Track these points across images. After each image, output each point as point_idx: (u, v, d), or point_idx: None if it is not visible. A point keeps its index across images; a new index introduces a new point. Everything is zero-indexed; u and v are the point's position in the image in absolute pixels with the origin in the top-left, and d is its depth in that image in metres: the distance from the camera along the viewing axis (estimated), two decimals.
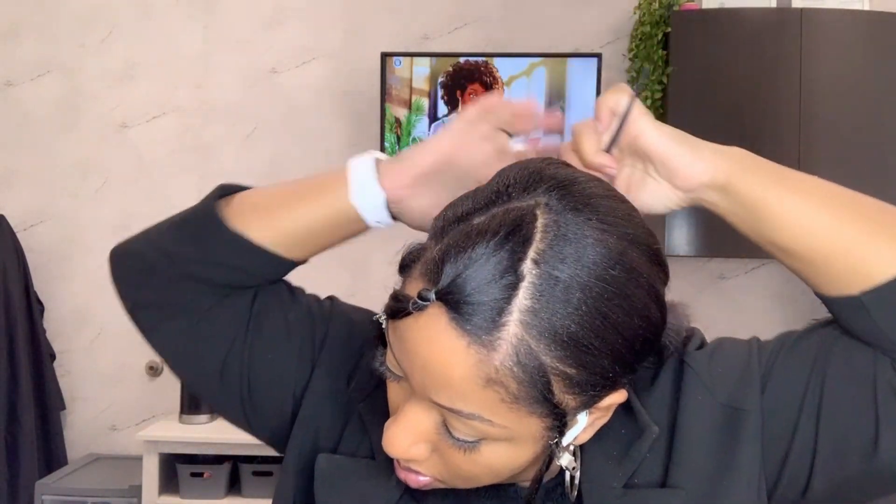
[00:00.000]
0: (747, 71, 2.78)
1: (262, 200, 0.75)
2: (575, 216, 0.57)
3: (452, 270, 0.55)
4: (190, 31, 3.26)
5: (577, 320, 0.55)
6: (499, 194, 0.59)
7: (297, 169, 3.24)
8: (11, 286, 3.01)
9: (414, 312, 0.56)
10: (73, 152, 3.28)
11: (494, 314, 0.54)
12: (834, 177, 2.50)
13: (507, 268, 0.54)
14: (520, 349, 0.54)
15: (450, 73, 3.01)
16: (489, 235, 0.55)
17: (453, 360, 0.55)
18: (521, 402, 0.56)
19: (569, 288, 0.55)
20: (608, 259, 0.56)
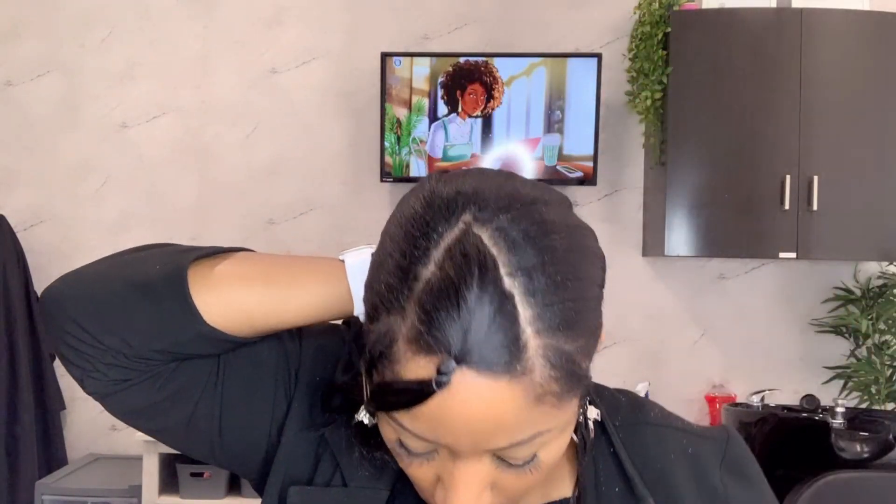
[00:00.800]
0: (747, 71, 2.78)
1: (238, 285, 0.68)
2: (504, 214, 0.57)
3: (455, 331, 0.54)
4: (190, 31, 3.26)
5: (568, 296, 0.57)
6: (423, 235, 0.58)
7: (298, 169, 3.24)
8: (11, 286, 3.01)
9: (439, 390, 0.54)
10: (73, 152, 3.28)
11: (513, 343, 0.54)
12: (834, 177, 2.52)
13: (496, 297, 0.54)
14: (548, 354, 0.55)
15: (450, 73, 3.01)
16: (458, 282, 0.54)
17: (501, 406, 0.55)
18: (566, 395, 0.57)
19: (548, 275, 0.56)
20: (557, 231, 0.58)
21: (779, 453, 2.30)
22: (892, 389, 2.90)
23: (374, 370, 0.59)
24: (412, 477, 0.64)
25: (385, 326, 0.57)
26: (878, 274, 3.06)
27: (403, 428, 0.58)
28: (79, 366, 0.68)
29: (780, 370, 3.10)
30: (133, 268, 0.69)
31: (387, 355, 0.57)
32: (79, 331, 0.66)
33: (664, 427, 0.74)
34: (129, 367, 0.66)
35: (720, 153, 2.82)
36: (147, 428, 0.72)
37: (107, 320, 0.66)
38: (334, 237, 3.23)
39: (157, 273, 0.67)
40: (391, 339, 0.57)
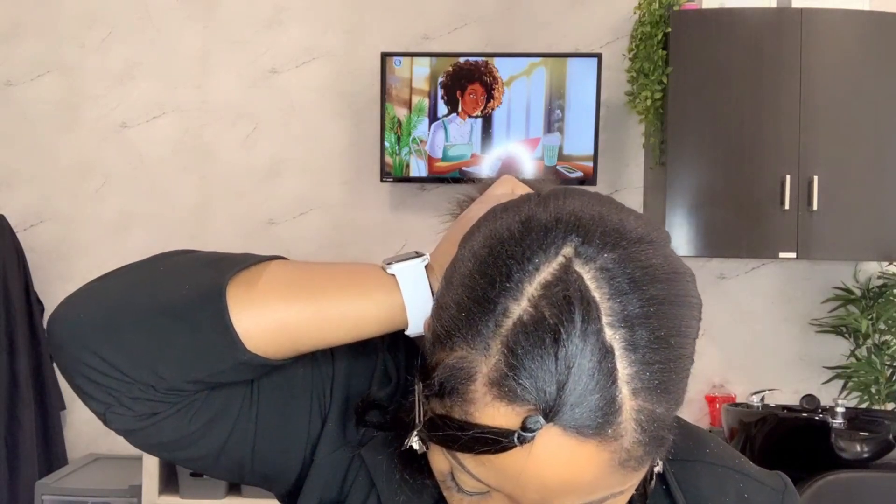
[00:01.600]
0: (747, 71, 2.78)
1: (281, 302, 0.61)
2: (609, 252, 0.52)
3: (548, 384, 0.49)
4: (190, 31, 3.26)
5: (668, 355, 0.52)
6: (517, 264, 0.52)
7: (298, 169, 3.24)
8: (11, 286, 3.01)
9: (520, 445, 0.49)
10: (73, 152, 3.28)
11: (609, 404, 0.49)
12: (834, 177, 2.53)
13: (597, 350, 0.49)
14: (640, 418, 0.51)
15: (450, 73, 3.01)
16: (557, 328, 0.49)
17: (582, 470, 0.50)
18: (648, 459, 0.53)
19: (650, 329, 0.51)
20: (663, 278, 0.53)
21: (779, 453, 2.30)
22: (892, 389, 2.90)
23: (438, 400, 0.54)
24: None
25: (462, 360, 0.52)
26: (878, 274, 3.06)
27: (463, 468, 0.54)
28: (101, 400, 0.60)
29: (780, 370, 3.10)
30: (159, 287, 0.62)
31: (460, 392, 0.51)
32: (100, 363, 0.59)
33: (721, 467, 0.70)
34: (158, 401, 0.60)
35: (720, 153, 2.82)
36: (176, 458, 0.66)
37: (135, 351, 0.59)
38: (334, 237, 3.23)
39: (190, 295, 0.60)
40: (468, 377, 0.51)
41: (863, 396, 2.92)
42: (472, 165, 3.03)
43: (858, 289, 3.07)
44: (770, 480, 0.71)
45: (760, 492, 0.70)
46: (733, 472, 0.70)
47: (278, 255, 0.68)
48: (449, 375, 0.52)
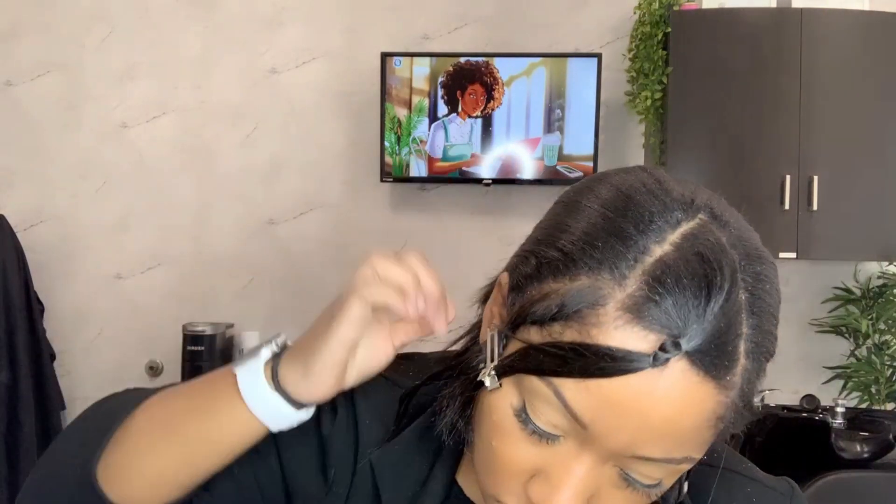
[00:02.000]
0: (747, 71, 2.78)
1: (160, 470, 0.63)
2: (734, 230, 0.56)
3: (692, 317, 0.51)
4: (190, 31, 3.26)
5: (773, 329, 0.56)
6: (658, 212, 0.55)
7: (298, 169, 3.24)
8: (11, 286, 3.01)
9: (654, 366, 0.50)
10: (73, 152, 3.28)
11: (733, 352, 0.52)
12: (834, 177, 2.53)
13: (735, 302, 0.52)
14: (744, 377, 0.53)
15: (450, 73, 3.01)
16: (711, 267, 0.52)
17: (692, 410, 0.52)
18: (729, 429, 0.55)
19: (764, 301, 0.55)
20: (770, 262, 0.57)
21: (779, 453, 2.30)
22: (892, 389, 2.90)
23: (538, 329, 0.54)
24: (502, 458, 0.57)
25: (590, 287, 0.52)
26: (878, 274, 3.06)
27: (559, 397, 0.53)
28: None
29: (780, 370, 3.09)
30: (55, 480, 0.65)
31: (583, 315, 0.52)
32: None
33: (729, 472, 0.70)
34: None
35: (720, 153, 2.82)
36: None
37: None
38: (334, 237, 3.23)
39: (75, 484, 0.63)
40: (596, 302, 0.52)
41: (863, 396, 2.92)
42: (472, 165, 3.03)
43: (858, 289, 3.07)
44: (778, 485, 0.72)
45: (768, 496, 0.70)
46: (741, 476, 0.71)
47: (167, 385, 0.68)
48: (574, 299, 0.52)
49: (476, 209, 3.17)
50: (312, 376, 0.60)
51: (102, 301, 3.27)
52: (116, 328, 3.26)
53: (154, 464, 0.62)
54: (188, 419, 0.62)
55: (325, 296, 2.89)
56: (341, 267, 3.21)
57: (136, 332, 3.26)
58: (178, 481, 0.62)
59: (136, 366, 3.25)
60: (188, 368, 2.92)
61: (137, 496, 0.61)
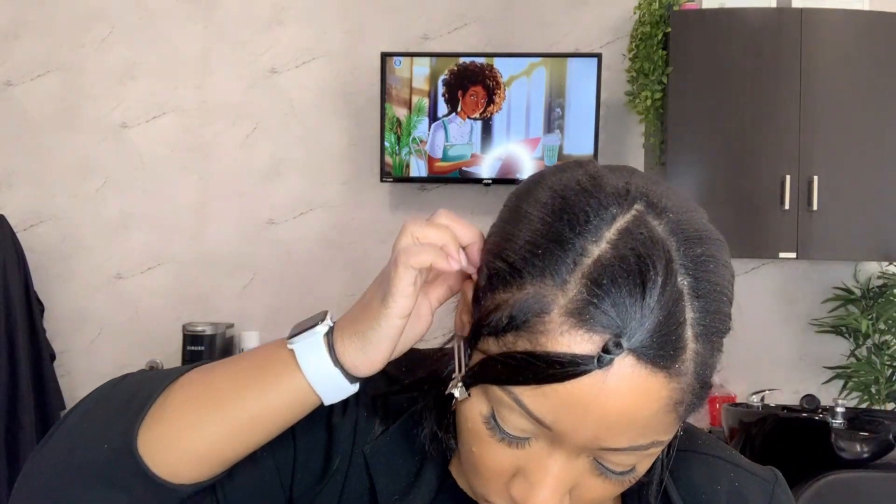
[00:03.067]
0: (747, 71, 2.78)
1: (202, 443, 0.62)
2: (672, 214, 0.57)
3: (632, 313, 0.52)
4: (190, 31, 3.26)
5: (722, 308, 0.56)
6: (593, 211, 0.56)
7: (298, 169, 3.24)
8: (11, 286, 3.01)
9: (599, 368, 0.52)
10: (73, 152, 3.28)
11: (678, 340, 0.53)
12: (834, 177, 2.52)
13: (674, 291, 0.53)
14: (696, 360, 0.55)
15: (454, 72, 3.01)
16: (642, 266, 0.53)
17: (647, 402, 0.53)
18: (691, 409, 0.56)
19: (710, 282, 0.55)
20: (715, 241, 0.57)
21: (779, 453, 2.30)
22: (892, 389, 2.90)
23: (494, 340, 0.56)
24: (481, 462, 0.59)
25: (535, 295, 0.54)
26: (878, 274, 3.06)
27: (519, 404, 0.55)
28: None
29: (780, 370, 3.10)
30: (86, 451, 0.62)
31: (531, 324, 0.54)
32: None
33: (713, 457, 0.72)
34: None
35: (720, 153, 2.82)
36: None
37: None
38: (334, 237, 3.23)
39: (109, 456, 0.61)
40: (543, 309, 0.53)
41: (863, 396, 2.92)
42: (472, 165, 3.03)
43: (858, 289, 3.07)
44: (761, 472, 0.73)
45: (752, 482, 0.72)
46: (725, 462, 0.72)
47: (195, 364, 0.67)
48: (520, 309, 0.54)
49: (476, 209, 3.17)
50: (370, 349, 0.61)
51: (102, 301, 3.27)
52: (116, 328, 3.26)
53: (201, 439, 0.62)
54: (241, 395, 0.62)
55: (325, 296, 2.90)
56: (341, 267, 3.21)
57: (136, 332, 3.26)
58: (224, 456, 0.62)
59: (136, 366, 3.25)
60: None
61: (181, 471, 0.61)
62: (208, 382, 0.64)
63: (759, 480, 0.72)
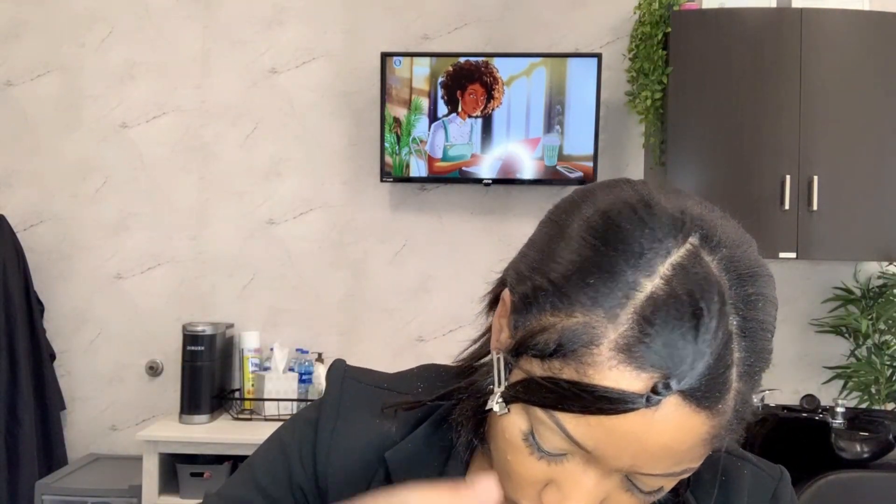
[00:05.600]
0: (747, 71, 2.78)
1: None
2: (727, 249, 0.56)
3: (684, 355, 0.52)
4: (190, 31, 3.26)
5: (766, 346, 0.57)
6: (648, 242, 0.55)
7: (298, 169, 3.24)
8: (11, 286, 3.01)
9: (647, 408, 0.53)
10: (73, 152, 3.28)
11: (724, 382, 0.54)
12: (834, 177, 2.52)
13: (725, 332, 0.53)
14: (737, 399, 0.55)
15: (450, 73, 3.01)
16: (695, 307, 0.53)
17: (686, 437, 0.54)
18: (725, 441, 0.57)
19: (757, 321, 0.56)
20: (765, 277, 0.58)
21: (779, 453, 2.29)
22: (892, 389, 2.90)
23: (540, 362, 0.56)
24: (515, 471, 0.60)
25: (585, 325, 0.54)
26: (878, 274, 3.06)
27: (561, 428, 0.56)
28: None
29: (780, 370, 3.10)
30: None
31: (579, 354, 0.54)
32: None
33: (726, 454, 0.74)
34: None
35: (720, 153, 2.82)
36: None
37: None
38: (334, 237, 3.23)
39: None
40: (592, 341, 0.53)
41: (863, 396, 2.92)
42: (472, 165, 3.03)
43: (858, 289, 3.07)
44: (767, 467, 0.75)
45: (758, 476, 0.74)
46: (732, 455, 0.74)
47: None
48: (570, 338, 0.54)
49: (476, 209, 3.17)
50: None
51: (102, 301, 3.27)
52: (116, 328, 3.26)
53: None
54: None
55: (325, 296, 2.90)
56: (341, 267, 3.21)
57: (136, 332, 3.26)
58: None
59: (136, 366, 3.25)
60: (188, 368, 2.92)
61: None
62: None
63: (764, 475, 0.74)
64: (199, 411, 2.87)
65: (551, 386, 0.55)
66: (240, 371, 3.14)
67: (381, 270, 3.20)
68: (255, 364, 3.08)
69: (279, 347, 3.03)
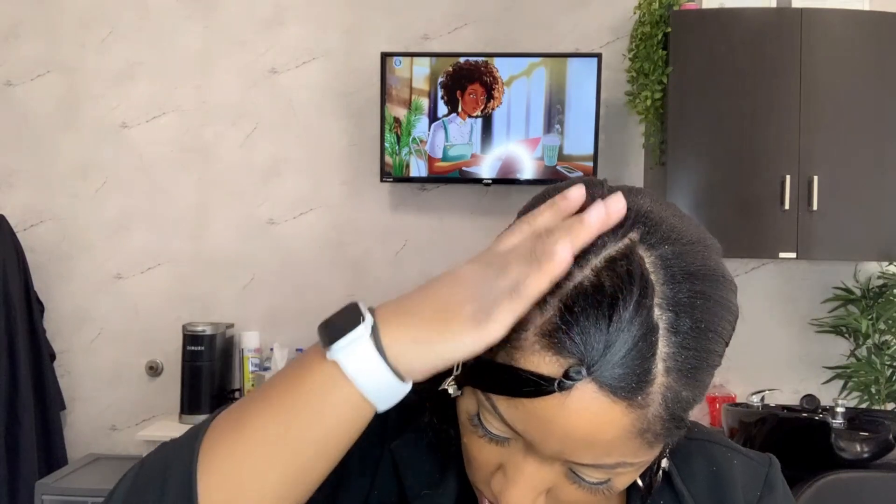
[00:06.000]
0: (747, 71, 2.78)
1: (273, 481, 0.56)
2: (670, 245, 0.57)
3: (596, 341, 0.53)
4: (190, 31, 3.26)
5: (703, 346, 0.57)
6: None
7: (298, 169, 3.24)
8: (11, 286, 3.01)
9: (559, 392, 0.54)
10: (73, 152, 3.28)
11: (644, 374, 0.54)
12: (834, 177, 2.52)
13: (645, 324, 0.54)
14: (667, 395, 0.55)
15: (450, 73, 3.01)
16: (615, 296, 0.53)
17: (607, 427, 0.55)
18: (663, 438, 0.58)
19: (693, 319, 0.56)
20: (712, 278, 0.58)
21: (779, 453, 2.29)
22: (892, 389, 2.90)
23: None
24: (471, 454, 0.63)
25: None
26: (878, 274, 3.06)
27: (495, 410, 0.58)
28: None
29: (780, 370, 3.10)
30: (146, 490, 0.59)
31: (510, 338, 0.55)
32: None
33: (709, 443, 0.75)
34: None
35: (720, 153, 2.82)
36: None
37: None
38: (334, 237, 3.23)
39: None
40: (520, 326, 0.55)
41: (863, 396, 2.92)
42: (472, 165, 3.03)
43: (858, 289, 3.07)
44: (756, 456, 0.76)
45: (748, 465, 0.75)
46: (721, 446, 0.75)
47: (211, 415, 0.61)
48: None
49: (476, 209, 3.17)
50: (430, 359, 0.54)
51: (102, 301, 3.27)
52: (116, 328, 3.26)
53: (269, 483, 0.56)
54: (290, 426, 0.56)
55: (325, 295, 2.90)
56: (341, 267, 3.21)
57: (136, 332, 3.26)
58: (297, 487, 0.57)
59: (136, 366, 3.25)
60: (188, 368, 2.92)
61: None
62: (250, 417, 0.57)
63: (754, 463, 0.75)
64: (200, 411, 2.87)
65: (486, 368, 0.57)
66: (240, 371, 3.14)
67: (381, 270, 3.20)
68: (255, 364, 3.08)
69: (279, 347, 3.03)
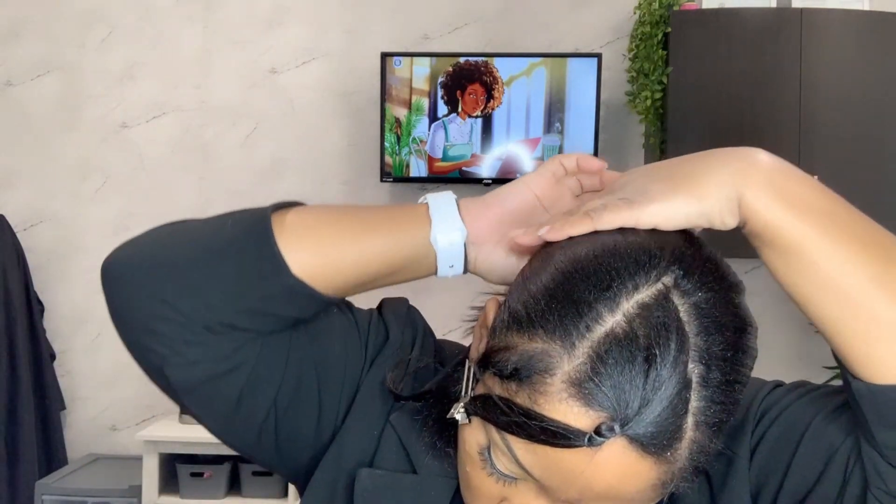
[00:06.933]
0: (747, 71, 2.78)
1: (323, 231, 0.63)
2: (706, 292, 0.55)
3: (632, 398, 0.51)
4: (190, 31, 3.26)
5: (731, 398, 0.55)
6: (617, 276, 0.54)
7: (298, 169, 3.24)
8: (11, 286, 3.01)
9: (588, 447, 0.52)
10: (73, 152, 3.28)
11: (676, 430, 0.52)
12: (834, 177, 2.53)
13: (681, 380, 0.52)
14: (693, 448, 0.54)
15: (450, 73, 3.01)
16: (650, 350, 0.51)
17: (632, 480, 0.53)
18: (681, 485, 0.56)
19: (723, 372, 0.54)
20: (741, 328, 0.56)
21: None
22: None
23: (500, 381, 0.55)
24: (472, 483, 0.60)
25: (543, 352, 0.53)
26: None
27: (510, 451, 0.55)
28: (157, 350, 0.63)
29: (780, 370, 3.09)
30: (202, 231, 0.64)
31: (533, 381, 0.53)
32: (154, 303, 0.62)
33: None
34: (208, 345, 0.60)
35: None
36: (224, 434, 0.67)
37: (186, 283, 0.60)
38: None
39: (234, 231, 0.61)
40: (547, 369, 0.53)
41: None
42: (472, 165, 3.03)
43: None
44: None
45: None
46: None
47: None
48: (527, 363, 0.53)
49: None
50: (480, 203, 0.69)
51: (102, 301, 3.25)
52: None
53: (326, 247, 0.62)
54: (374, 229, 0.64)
55: None
56: None
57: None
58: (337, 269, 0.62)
59: (136, 366, 3.22)
60: None
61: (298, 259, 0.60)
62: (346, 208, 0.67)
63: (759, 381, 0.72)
64: None
65: (504, 407, 0.54)
66: None
67: None
68: None
69: None
